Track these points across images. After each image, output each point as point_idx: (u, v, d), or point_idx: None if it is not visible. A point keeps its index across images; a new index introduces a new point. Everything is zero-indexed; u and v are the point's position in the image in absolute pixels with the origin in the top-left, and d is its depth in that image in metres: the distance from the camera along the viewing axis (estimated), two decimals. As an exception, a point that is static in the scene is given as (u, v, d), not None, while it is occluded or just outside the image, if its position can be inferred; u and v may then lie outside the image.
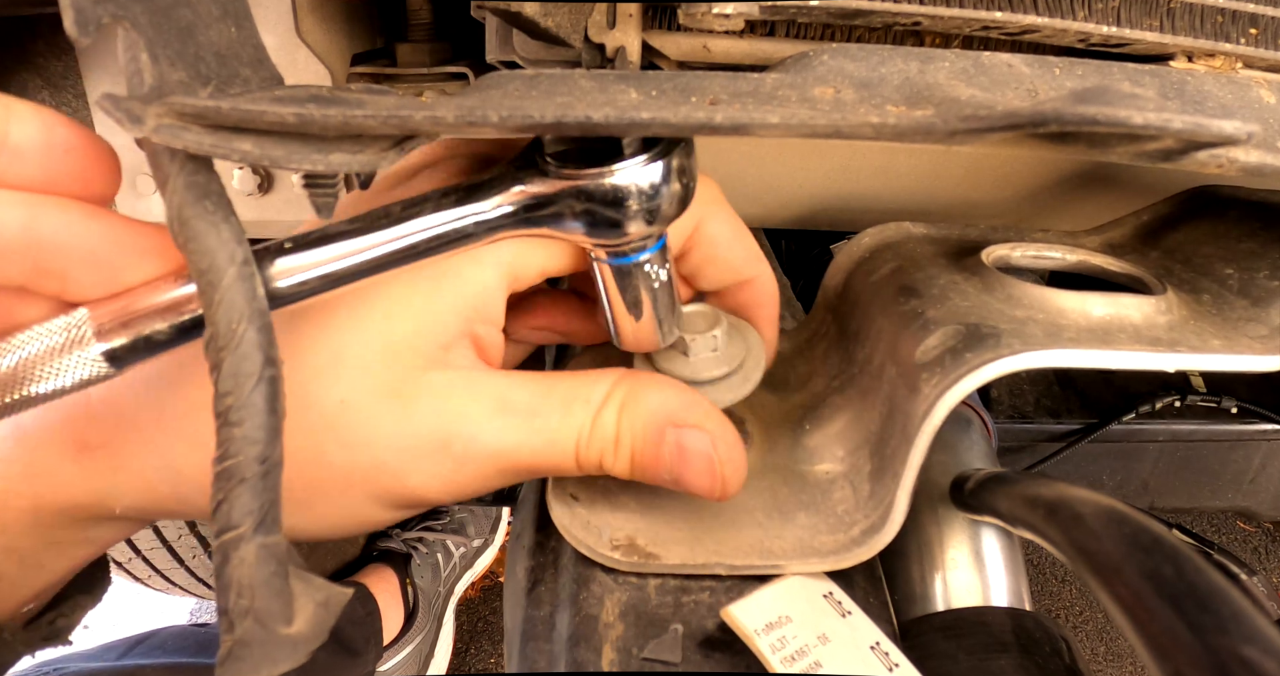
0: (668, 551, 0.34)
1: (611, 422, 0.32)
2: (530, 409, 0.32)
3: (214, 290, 0.26)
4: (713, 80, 0.33)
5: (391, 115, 0.26)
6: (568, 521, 0.35)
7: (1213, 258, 0.43)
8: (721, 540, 0.35)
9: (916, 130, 0.26)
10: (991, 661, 0.41)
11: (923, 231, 0.48)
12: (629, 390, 0.33)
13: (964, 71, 0.37)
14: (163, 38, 0.30)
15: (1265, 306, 0.38)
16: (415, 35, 0.55)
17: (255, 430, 0.25)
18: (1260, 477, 0.80)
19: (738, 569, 0.34)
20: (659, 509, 0.37)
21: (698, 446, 0.33)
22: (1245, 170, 0.32)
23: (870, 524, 0.35)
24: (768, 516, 0.37)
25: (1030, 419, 0.76)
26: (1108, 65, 0.39)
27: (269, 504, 0.26)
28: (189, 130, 0.27)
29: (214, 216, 0.26)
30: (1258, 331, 0.37)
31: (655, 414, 0.33)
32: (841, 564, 0.35)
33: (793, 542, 0.35)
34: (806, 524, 0.36)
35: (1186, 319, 0.38)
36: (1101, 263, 0.43)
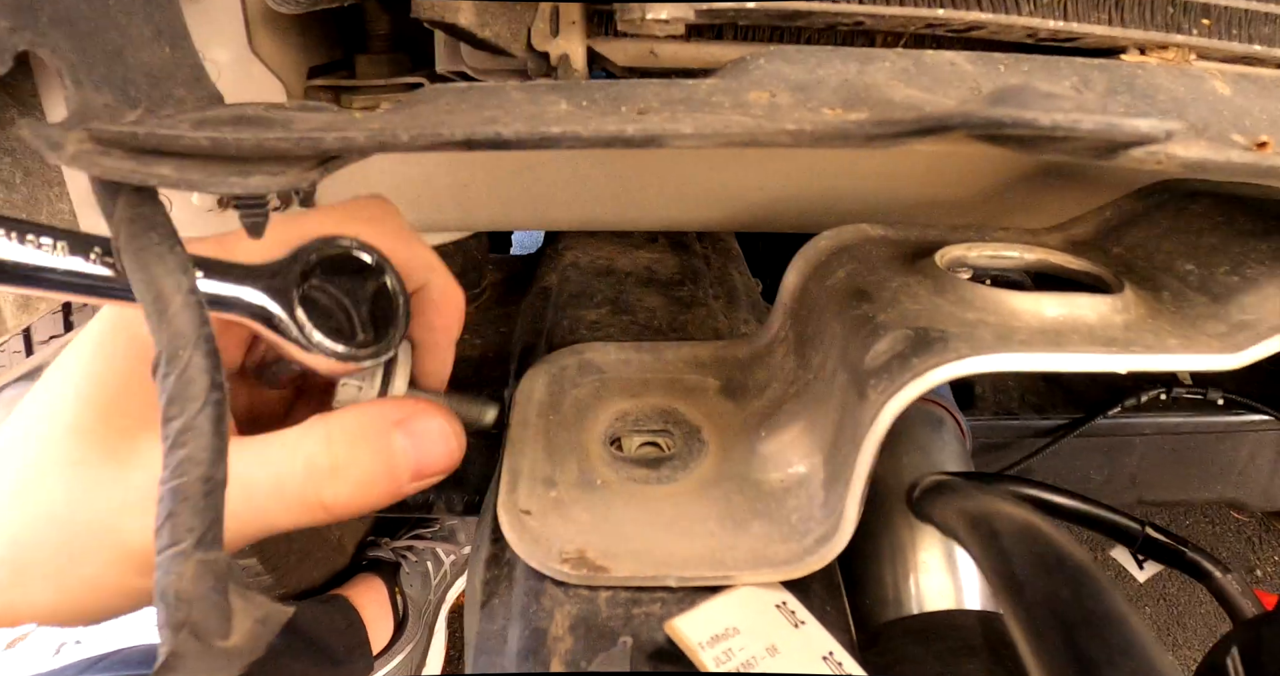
0: (618, 564, 0.34)
1: (322, 454, 0.33)
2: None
3: (161, 318, 0.27)
4: (646, 88, 0.33)
5: (303, 137, 0.26)
6: (517, 537, 0.35)
7: (1174, 254, 0.43)
8: (673, 551, 0.35)
9: (833, 136, 0.26)
10: (961, 665, 0.41)
11: (880, 233, 0.47)
12: (326, 423, 0.33)
13: (904, 71, 0.36)
14: (88, 62, 0.29)
15: (1224, 303, 0.37)
16: (373, 47, 0.55)
17: (200, 451, 0.26)
18: (1249, 468, 0.79)
19: (688, 580, 0.34)
20: (610, 521, 0.36)
21: (430, 427, 0.34)
22: (1188, 166, 0.32)
23: (823, 532, 0.35)
24: (721, 526, 0.36)
25: (1015, 415, 0.75)
26: (1055, 61, 0.39)
27: (211, 522, 0.27)
28: (108, 156, 0.27)
29: (160, 247, 0.27)
30: (1216, 329, 0.36)
31: (368, 424, 0.33)
32: (795, 573, 0.34)
33: (746, 552, 0.35)
34: (761, 533, 0.36)
35: (1145, 317, 0.37)
36: (1060, 261, 0.43)
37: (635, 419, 0.43)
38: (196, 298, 0.27)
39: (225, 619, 0.27)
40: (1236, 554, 1.58)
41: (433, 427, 0.34)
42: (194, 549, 0.26)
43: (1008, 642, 0.44)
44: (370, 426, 0.34)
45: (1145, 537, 0.47)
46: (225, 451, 0.27)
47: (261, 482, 0.33)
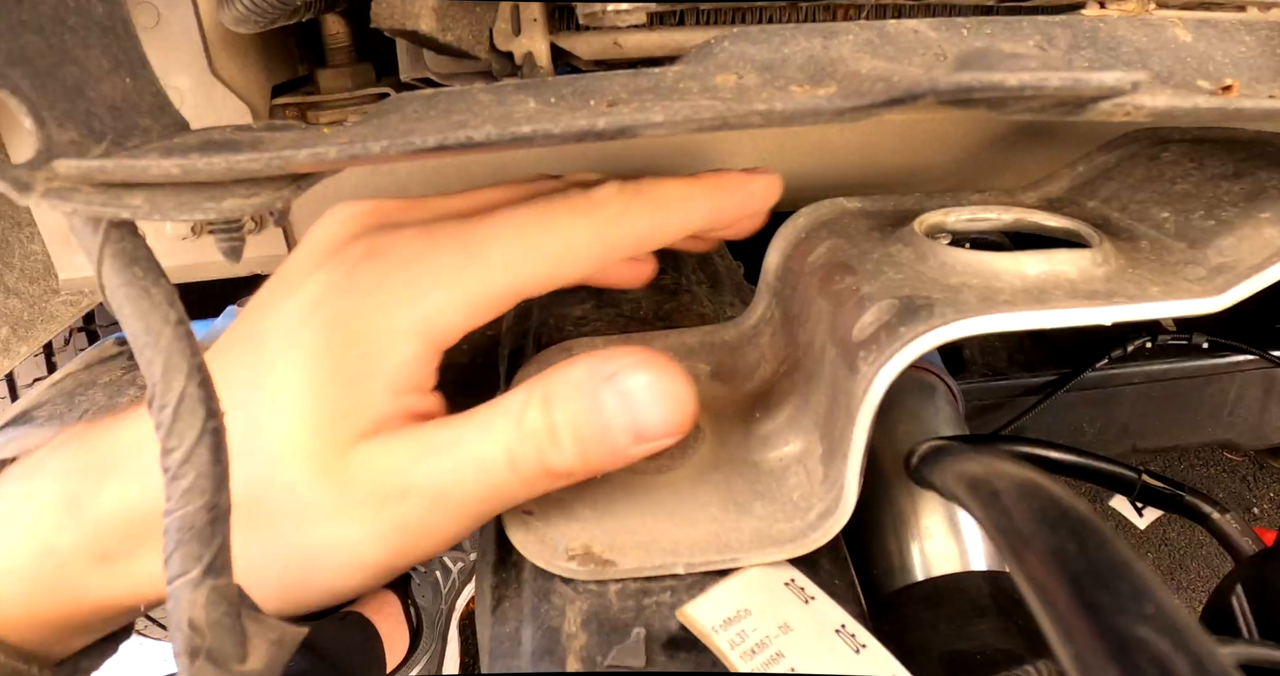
0: (624, 556, 0.34)
1: (538, 418, 0.32)
2: (453, 441, 0.32)
3: (152, 351, 0.27)
4: (613, 80, 0.33)
5: (275, 157, 0.26)
6: (522, 538, 0.35)
7: (1148, 203, 0.43)
8: (678, 539, 0.35)
9: (804, 113, 0.26)
10: (970, 626, 0.41)
11: (858, 205, 0.47)
12: (544, 382, 0.32)
13: (869, 43, 0.36)
14: (48, 99, 0.29)
15: (1202, 247, 0.38)
16: (335, 60, 0.55)
17: (202, 480, 0.27)
18: (1238, 409, 0.80)
19: (695, 566, 0.34)
20: (614, 515, 0.36)
21: (637, 381, 0.31)
22: (1155, 115, 0.32)
23: (825, 507, 0.35)
24: (723, 510, 0.37)
25: (1004, 375, 0.76)
26: (1017, 21, 0.39)
27: (219, 549, 0.27)
28: (78, 192, 0.27)
29: (144, 282, 0.27)
30: (1196, 273, 0.36)
31: (578, 381, 0.32)
32: (800, 550, 0.34)
33: (750, 534, 0.35)
34: (763, 513, 0.36)
35: (1124, 268, 0.38)
36: (1038, 219, 0.43)
37: None
38: (186, 328, 0.27)
39: (241, 643, 0.27)
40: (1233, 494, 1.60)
41: (641, 384, 0.31)
42: (203, 577, 0.26)
43: (1015, 600, 0.45)
44: (579, 384, 0.32)
45: (1142, 485, 0.48)
46: (227, 479, 0.27)
47: (495, 458, 0.32)
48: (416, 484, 0.31)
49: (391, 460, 0.32)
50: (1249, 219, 0.37)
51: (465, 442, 0.32)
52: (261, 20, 0.41)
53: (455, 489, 0.32)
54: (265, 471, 0.31)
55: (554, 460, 0.32)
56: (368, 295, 0.33)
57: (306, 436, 0.31)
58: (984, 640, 0.41)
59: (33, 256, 0.60)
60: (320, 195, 0.55)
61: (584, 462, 0.32)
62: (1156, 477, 0.47)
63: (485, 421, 0.32)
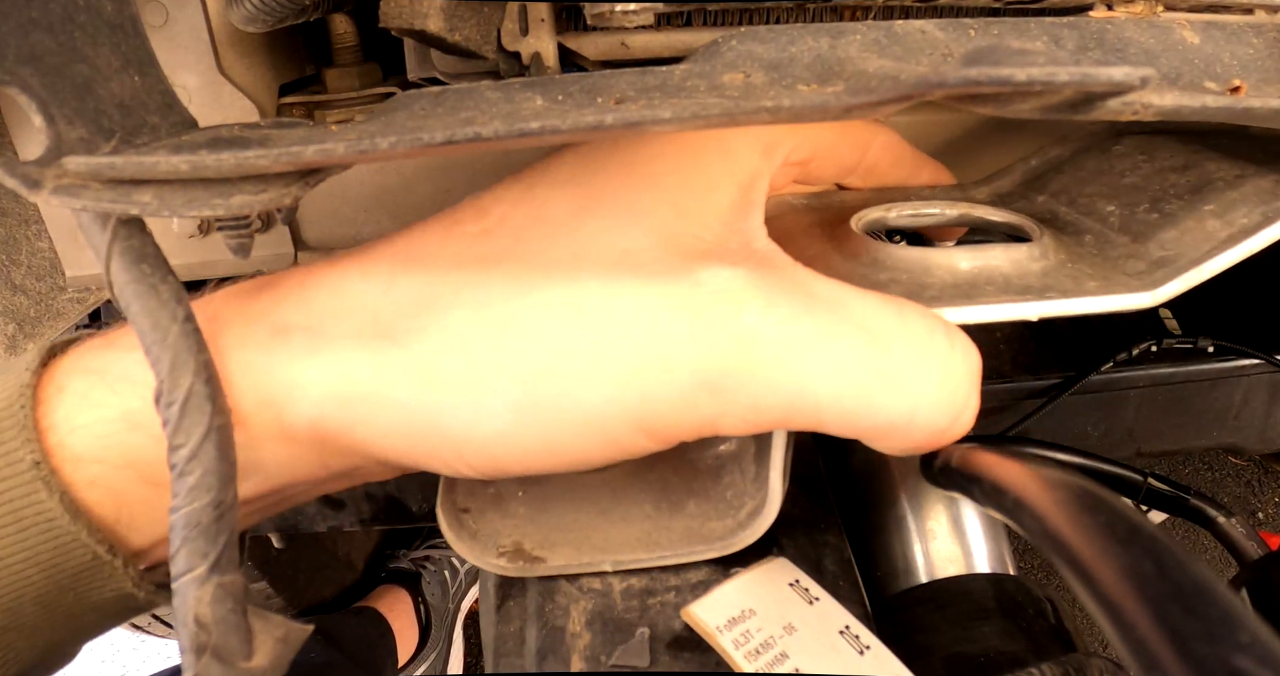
0: (554, 553, 0.34)
1: (962, 377, 0.27)
2: (885, 337, 0.26)
3: (159, 348, 0.27)
4: (620, 78, 0.33)
5: (283, 153, 0.26)
6: (455, 535, 0.35)
7: (1096, 196, 0.42)
8: (609, 537, 0.35)
9: (811, 110, 0.26)
10: (974, 629, 0.41)
11: (803, 202, 0.45)
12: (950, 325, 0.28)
13: (876, 43, 0.36)
14: (58, 97, 0.29)
15: (1145, 241, 0.37)
16: (342, 59, 0.55)
17: (208, 477, 0.27)
18: (1243, 412, 0.80)
19: (623, 563, 0.34)
20: (548, 512, 0.36)
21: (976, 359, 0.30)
22: (1163, 114, 0.32)
23: (755, 506, 0.35)
24: (657, 508, 0.37)
25: (1009, 378, 0.76)
26: (1024, 22, 0.39)
27: (225, 546, 0.27)
28: (87, 188, 0.27)
29: (152, 278, 0.28)
30: (1136, 267, 0.35)
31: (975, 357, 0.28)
32: (727, 550, 0.34)
33: (681, 532, 0.35)
34: (696, 511, 0.36)
35: (1064, 262, 0.37)
36: (982, 214, 0.42)
37: None
38: (193, 325, 0.28)
39: (246, 640, 0.27)
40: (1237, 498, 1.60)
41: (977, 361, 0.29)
42: (209, 573, 0.26)
43: (1019, 602, 0.45)
44: (980, 359, 0.28)
45: (1148, 488, 0.48)
46: (233, 476, 0.27)
47: (922, 351, 0.27)
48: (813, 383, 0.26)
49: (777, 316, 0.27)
50: (1193, 211, 0.36)
51: (894, 356, 0.26)
52: (270, 20, 0.41)
53: (860, 412, 0.27)
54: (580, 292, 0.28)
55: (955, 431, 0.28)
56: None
57: (656, 248, 0.28)
58: (988, 642, 0.41)
59: (40, 253, 0.60)
60: (327, 192, 0.55)
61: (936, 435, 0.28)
62: (1162, 481, 0.47)
63: (924, 335, 0.27)
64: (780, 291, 0.27)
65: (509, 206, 0.31)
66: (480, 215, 0.30)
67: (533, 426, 0.27)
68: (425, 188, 0.55)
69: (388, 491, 0.66)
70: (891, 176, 0.41)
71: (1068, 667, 0.36)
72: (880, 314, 0.27)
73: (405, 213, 0.58)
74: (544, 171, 0.32)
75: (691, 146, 0.30)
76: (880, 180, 0.42)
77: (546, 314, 0.27)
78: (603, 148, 0.31)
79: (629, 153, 0.30)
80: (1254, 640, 0.18)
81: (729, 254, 0.28)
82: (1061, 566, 0.24)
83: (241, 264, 0.56)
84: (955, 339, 0.28)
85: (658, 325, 0.26)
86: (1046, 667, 0.36)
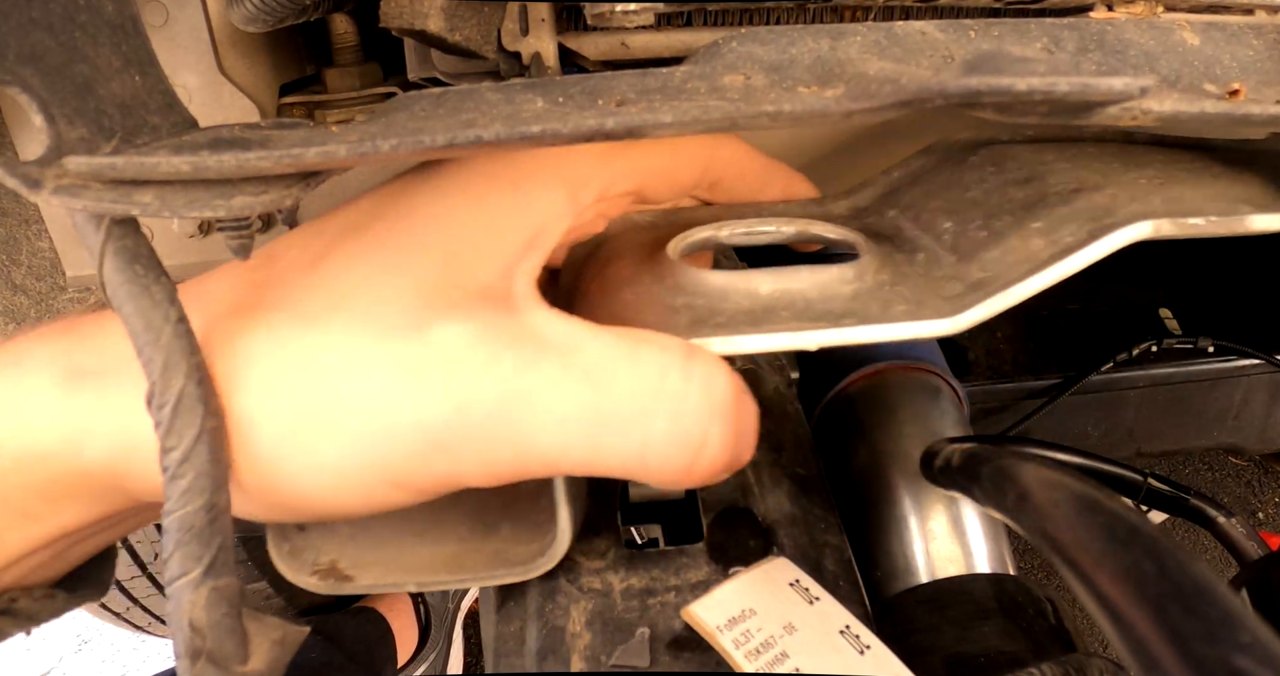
0: (364, 573, 0.34)
1: (698, 396, 0.27)
2: (610, 380, 0.26)
3: (152, 349, 0.27)
4: (620, 80, 0.33)
5: (284, 154, 0.26)
6: (278, 553, 0.35)
7: (938, 211, 0.39)
8: (419, 558, 0.35)
9: (812, 115, 0.26)
10: (974, 629, 0.41)
11: (648, 219, 0.43)
12: (710, 365, 0.28)
13: (876, 44, 0.36)
14: (59, 97, 0.29)
15: (969, 261, 0.34)
16: (342, 59, 0.55)
17: (201, 480, 0.27)
18: (1243, 413, 0.80)
19: (426, 585, 0.34)
20: (370, 532, 0.36)
21: (753, 402, 0.29)
22: (1162, 119, 0.32)
23: (555, 532, 0.35)
24: (472, 531, 0.37)
25: (1010, 378, 0.76)
26: (1025, 23, 0.39)
27: (219, 549, 0.27)
28: (88, 189, 0.27)
29: (144, 279, 0.27)
30: (953, 290, 0.33)
31: (735, 382, 0.28)
32: (528, 574, 0.34)
33: (489, 555, 0.35)
34: (508, 535, 0.36)
35: (884, 284, 0.34)
36: (819, 230, 0.39)
37: None
38: (186, 327, 0.27)
39: (242, 644, 0.27)
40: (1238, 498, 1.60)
41: (755, 406, 0.29)
42: (203, 577, 0.26)
43: (1019, 602, 0.45)
44: (733, 389, 0.28)
45: (1148, 488, 0.48)
46: (226, 479, 0.27)
47: (650, 392, 0.27)
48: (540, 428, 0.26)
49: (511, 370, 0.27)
50: (1019, 229, 0.34)
51: (586, 347, 0.27)
52: (270, 19, 0.41)
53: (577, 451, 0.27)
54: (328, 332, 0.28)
55: (706, 464, 0.27)
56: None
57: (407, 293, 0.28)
58: (988, 643, 0.41)
59: (40, 253, 0.61)
60: (328, 193, 0.55)
61: (713, 476, 0.28)
62: (1162, 481, 0.47)
63: (633, 345, 0.27)
64: (508, 344, 0.27)
65: (297, 252, 0.31)
66: (269, 261, 0.31)
67: (289, 479, 0.27)
68: (426, 187, 0.55)
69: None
70: (739, 191, 0.40)
71: (1068, 667, 0.36)
72: (611, 356, 0.27)
73: (406, 212, 0.57)
74: (337, 215, 0.32)
75: (484, 190, 0.30)
76: (728, 195, 0.40)
77: (295, 368, 0.27)
78: (401, 189, 0.31)
79: (422, 196, 0.30)
80: (1254, 640, 0.18)
81: (488, 301, 0.28)
82: (1061, 566, 0.24)
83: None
84: (694, 373, 0.27)
85: (383, 384, 0.27)
86: (1046, 667, 0.36)
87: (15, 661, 1.45)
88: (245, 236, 0.32)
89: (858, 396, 0.58)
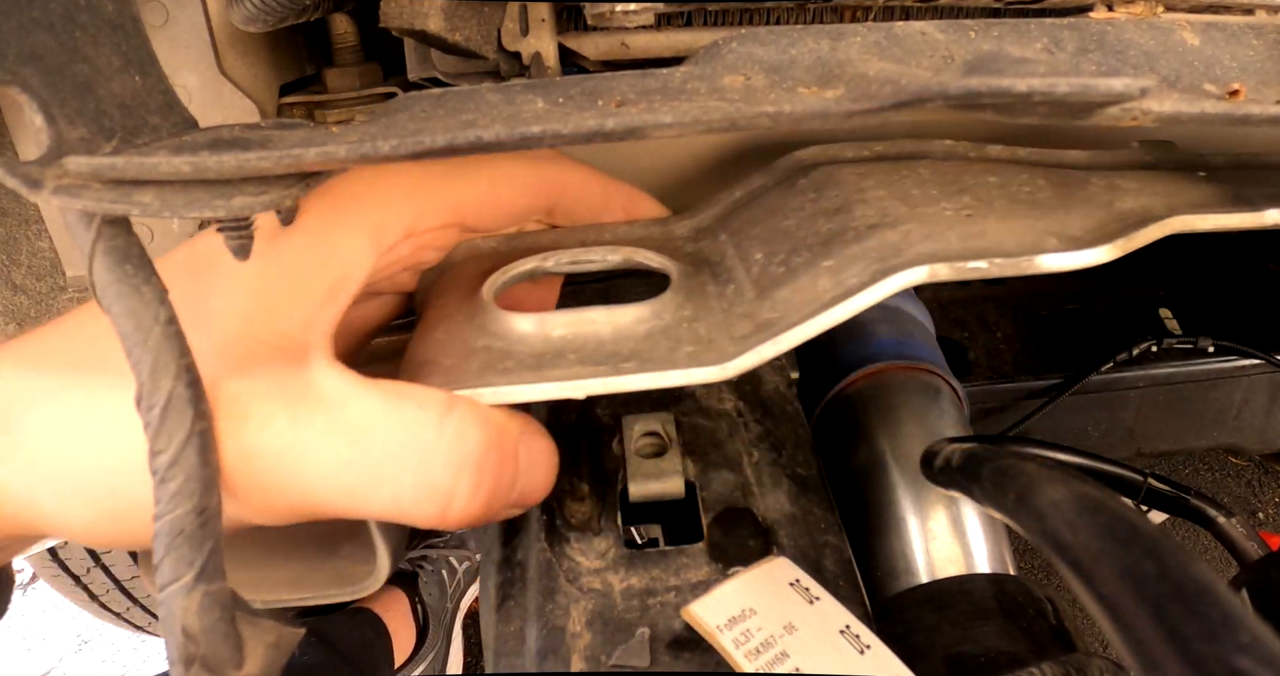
0: None
1: (446, 467, 0.29)
2: (368, 436, 0.28)
3: (142, 350, 0.27)
4: (620, 80, 0.33)
5: (285, 155, 0.26)
6: (143, 570, 0.36)
7: (755, 239, 0.38)
8: (265, 575, 0.36)
9: (812, 116, 0.26)
10: (974, 629, 0.41)
11: (491, 245, 0.41)
12: (476, 410, 0.30)
13: (876, 45, 0.36)
14: (59, 96, 0.29)
15: (764, 298, 0.33)
16: (342, 59, 0.55)
17: (190, 483, 0.27)
18: (1244, 412, 0.80)
19: (269, 602, 0.35)
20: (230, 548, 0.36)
21: (542, 447, 0.32)
22: (1162, 120, 0.32)
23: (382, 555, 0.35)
24: (318, 549, 0.37)
25: (1010, 378, 0.76)
26: (1025, 23, 0.39)
27: (211, 552, 0.27)
28: (88, 189, 0.27)
29: (135, 280, 0.27)
30: (743, 330, 0.32)
31: (507, 423, 0.30)
32: (358, 594, 0.36)
33: (330, 574, 0.36)
34: (348, 554, 0.37)
35: (682, 321, 0.33)
36: (643, 259, 0.38)
37: None
38: (176, 328, 0.27)
39: (236, 648, 0.27)
40: (1238, 498, 1.60)
41: (544, 449, 0.32)
42: (195, 581, 0.26)
43: (1020, 603, 0.45)
44: (506, 430, 0.30)
45: (1148, 488, 0.48)
46: (216, 481, 0.27)
47: (401, 447, 0.28)
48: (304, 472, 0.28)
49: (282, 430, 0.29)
50: (812, 267, 0.33)
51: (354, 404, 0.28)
52: (270, 19, 0.41)
53: (342, 497, 0.29)
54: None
55: (459, 505, 0.29)
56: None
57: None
58: (988, 643, 0.41)
59: (40, 253, 0.61)
60: (327, 194, 0.55)
61: (478, 518, 0.30)
62: (1162, 481, 0.47)
63: (397, 402, 0.29)
64: (287, 402, 0.29)
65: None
66: (97, 317, 0.31)
67: (98, 521, 0.29)
68: (426, 187, 0.55)
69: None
70: (579, 213, 0.39)
71: (1068, 667, 0.36)
72: (373, 412, 0.29)
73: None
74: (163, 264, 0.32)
75: (285, 245, 0.31)
76: (569, 218, 0.40)
77: (88, 423, 0.28)
78: (207, 246, 0.32)
79: (227, 253, 0.30)
80: (1254, 640, 0.18)
81: (284, 354, 0.30)
82: (1062, 566, 0.24)
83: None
84: (446, 429, 0.29)
85: None
86: (1047, 667, 0.36)
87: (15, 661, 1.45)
88: (245, 236, 0.32)
89: (858, 396, 0.58)
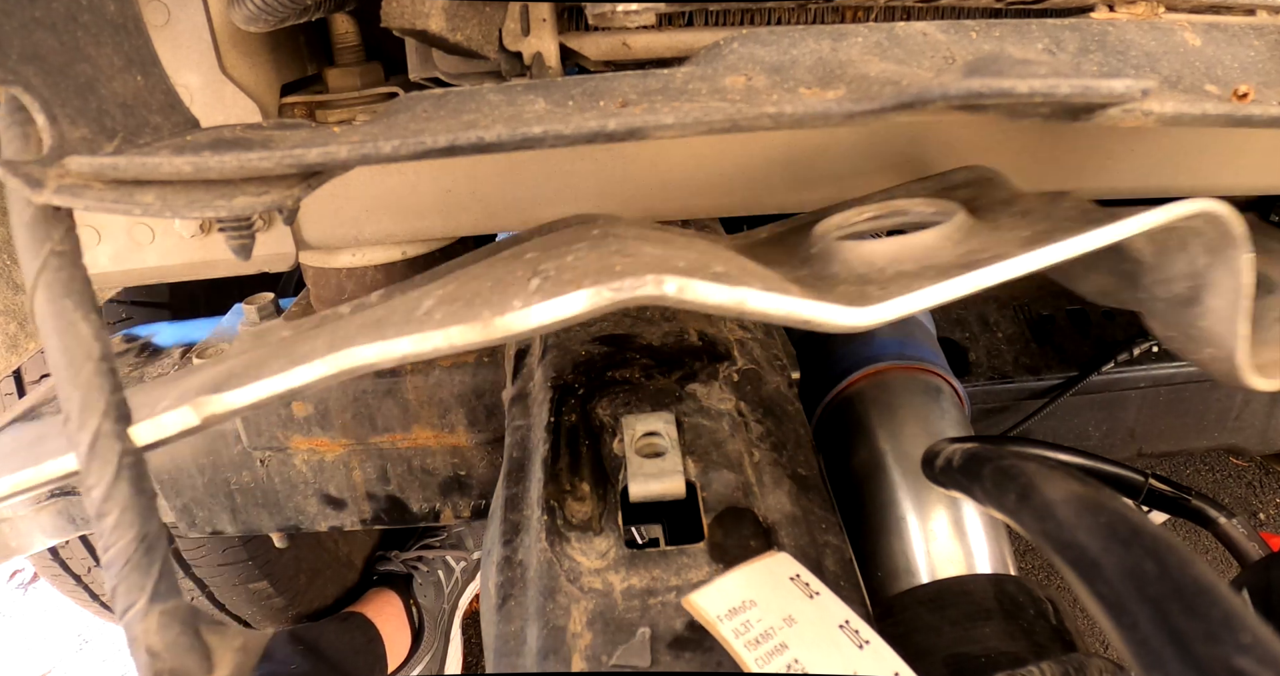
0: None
1: None
2: None
3: (70, 385, 0.26)
4: (622, 81, 0.33)
5: (286, 155, 0.26)
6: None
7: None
8: None
9: (813, 116, 0.26)
10: (975, 629, 0.41)
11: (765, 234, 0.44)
12: None
13: (878, 45, 0.36)
14: (61, 97, 0.29)
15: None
16: (343, 59, 0.55)
17: (126, 514, 0.26)
18: (1244, 413, 0.80)
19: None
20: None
21: None
22: (1164, 121, 0.32)
23: None
24: None
25: (1011, 378, 0.76)
26: (1026, 24, 0.39)
27: (160, 574, 0.27)
28: (90, 188, 0.27)
29: (73, 315, 0.27)
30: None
31: None
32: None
33: None
34: None
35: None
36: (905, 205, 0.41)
37: None
38: (109, 365, 0.27)
39: (204, 657, 0.27)
40: (1238, 499, 1.59)
41: None
42: (150, 604, 0.26)
43: (1020, 603, 0.45)
44: None
45: (1149, 489, 0.48)
46: (154, 505, 0.27)
47: None
48: None
49: None
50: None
51: None
52: (271, 19, 0.41)
53: None
54: None
55: None
56: None
57: None
58: (988, 643, 0.41)
59: (42, 253, 0.60)
60: (329, 192, 0.55)
61: None
62: (1164, 481, 0.47)
63: None
64: None
65: None
66: None
67: None
68: (427, 188, 0.55)
69: (389, 491, 0.66)
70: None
71: (1068, 667, 0.36)
72: None
73: (407, 213, 0.58)
74: None
75: None
76: None
77: None
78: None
79: None
80: (1255, 640, 0.18)
81: None
82: (1063, 566, 0.24)
83: (242, 264, 0.56)
84: None
85: None
86: (1047, 667, 0.36)
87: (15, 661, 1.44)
88: (246, 236, 0.32)
89: (859, 396, 0.58)
